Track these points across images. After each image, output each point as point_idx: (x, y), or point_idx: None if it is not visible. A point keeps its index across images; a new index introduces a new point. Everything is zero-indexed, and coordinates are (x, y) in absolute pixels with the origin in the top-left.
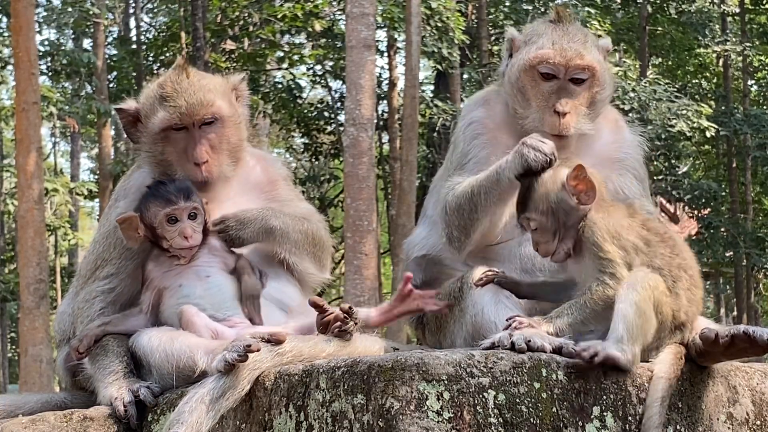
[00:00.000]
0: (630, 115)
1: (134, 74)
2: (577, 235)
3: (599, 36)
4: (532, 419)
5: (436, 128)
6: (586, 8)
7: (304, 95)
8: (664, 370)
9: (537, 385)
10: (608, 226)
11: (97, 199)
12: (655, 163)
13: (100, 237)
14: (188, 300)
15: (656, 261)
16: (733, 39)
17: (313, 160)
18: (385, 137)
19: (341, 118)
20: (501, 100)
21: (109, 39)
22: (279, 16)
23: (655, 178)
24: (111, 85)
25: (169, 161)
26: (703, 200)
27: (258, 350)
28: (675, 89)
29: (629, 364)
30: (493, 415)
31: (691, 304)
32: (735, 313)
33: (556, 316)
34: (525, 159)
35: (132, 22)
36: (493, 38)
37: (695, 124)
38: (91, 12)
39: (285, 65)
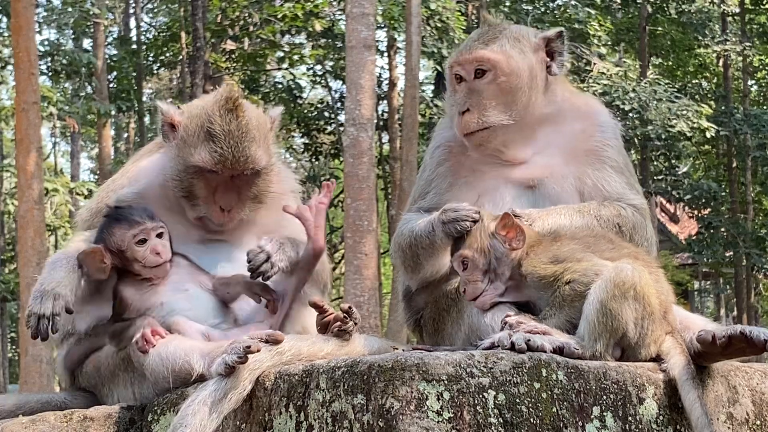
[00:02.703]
0: (630, 115)
1: (134, 74)
2: (519, 279)
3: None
4: (532, 419)
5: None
6: (586, 8)
7: (304, 95)
8: (686, 372)
9: (537, 385)
10: (543, 258)
11: None
12: (655, 163)
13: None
14: (175, 314)
15: (606, 255)
16: (733, 39)
17: (313, 160)
18: (385, 137)
19: (341, 118)
20: None
21: (109, 39)
22: (279, 16)
23: (655, 178)
24: (111, 85)
25: (192, 192)
26: (703, 200)
27: (258, 350)
28: (675, 89)
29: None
30: (493, 415)
31: (659, 283)
32: (735, 313)
33: (543, 318)
34: (445, 233)
35: (132, 22)
36: None
37: (695, 124)
38: (91, 12)
39: (285, 65)
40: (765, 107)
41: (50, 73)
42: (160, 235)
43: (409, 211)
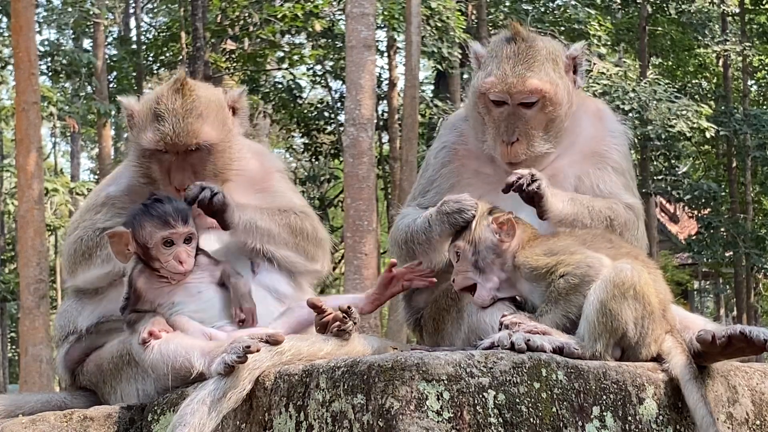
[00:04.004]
0: (630, 115)
1: (134, 74)
2: (513, 273)
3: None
4: (532, 419)
5: (436, 128)
6: (586, 8)
7: (304, 95)
8: (688, 372)
9: (537, 385)
10: (537, 251)
11: None
12: (655, 163)
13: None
14: (181, 314)
15: (602, 252)
16: (733, 39)
17: (313, 160)
18: (385, 137)
19: (341, 118)
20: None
21: (109, 39)
22: (279, 16)
23: (655, 178)
24: (111, 85)
25: (150, 176)
26: (703, 200)
27: (258, 350)
28: (675, 89)
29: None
30: (493, 415)
31: (657, 283)
32: (735, 313)
33: (540, 315)
34: (450, 223)
35: (132, 22)
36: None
37: (695, 124)
38: (91, 12)
39: (285, 65)
40: (765, 107)
41: (50, 73)
42: (188, 240)
43: (407, 206)
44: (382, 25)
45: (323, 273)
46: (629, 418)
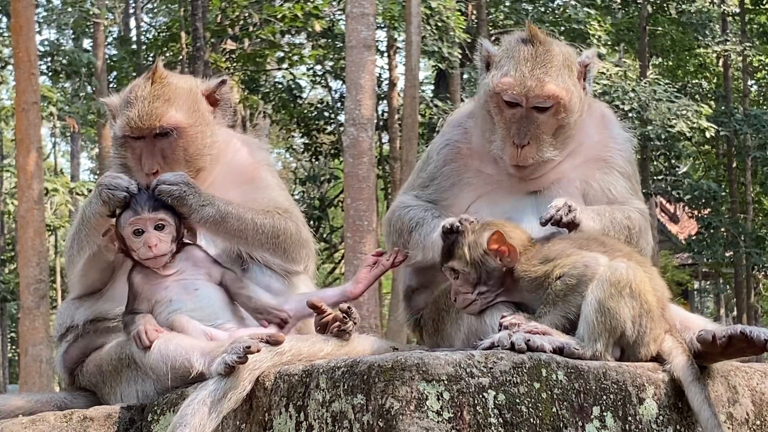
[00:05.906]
0: (630, 115)
1: (134, 74)
2: (511, 284)
3: (597, 39)
4: (532, 419)
5: (436, 128)
6: (586, 8)
7: (304, 95)
8: (691, 373)
9: (537, 385)
10: (534, 261)
11: None
12: (655, 163)
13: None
14: (180, 313)
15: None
16: (733, 39)
17: (313, 160)
18: (385, 137)
19: (341, 118)
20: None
21: (109, 39)
22: (279, 16)
23: (655, 178)
24: (111, 85)
25: (126, 165)
26: (703, 200)
27: (258, 351)
28: (675, 89)
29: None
30: (493, 415)
31: (653, 281)
32: (735, 313)
33: (539, 316)
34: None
35: (132, 22)
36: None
37: (695, 124)
38: (91, 12)
39: (285, 65)
40: (765, 107)
41: (50, 73)
42: (160, 227)
43: (406, 194)
44: (382, 25)
45: (306, 274)
46: (629, 418)
